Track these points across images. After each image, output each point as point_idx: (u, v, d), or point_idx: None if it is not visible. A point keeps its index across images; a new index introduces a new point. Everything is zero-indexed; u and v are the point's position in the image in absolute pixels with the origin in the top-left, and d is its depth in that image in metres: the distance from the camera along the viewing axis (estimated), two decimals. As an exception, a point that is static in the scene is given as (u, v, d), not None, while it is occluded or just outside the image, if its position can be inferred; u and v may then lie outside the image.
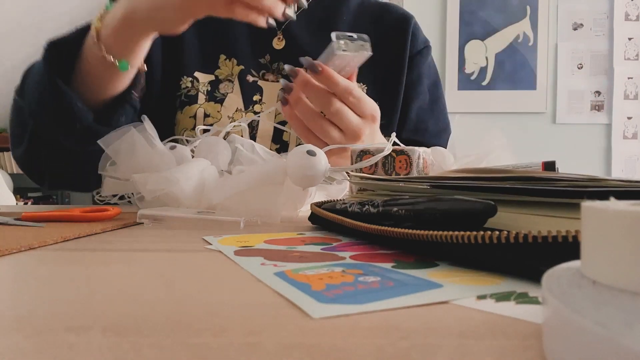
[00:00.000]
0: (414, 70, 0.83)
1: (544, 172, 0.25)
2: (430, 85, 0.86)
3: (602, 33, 2.27)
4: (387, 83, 0.79)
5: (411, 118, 0.82)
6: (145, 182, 0.47)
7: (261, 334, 0.14)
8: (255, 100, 0.75)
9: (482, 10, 2.28)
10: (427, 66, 0.85)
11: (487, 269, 0.21)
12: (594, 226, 0.12)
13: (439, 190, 0.29)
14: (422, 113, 0.83)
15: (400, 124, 0.81)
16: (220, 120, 0.74)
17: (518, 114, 2.28)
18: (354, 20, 0.82)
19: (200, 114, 0.74)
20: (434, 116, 0.84)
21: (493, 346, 0.13)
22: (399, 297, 0.17)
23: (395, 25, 0.83)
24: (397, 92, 0.80)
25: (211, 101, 0.75)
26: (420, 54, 0.84)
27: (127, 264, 0.24)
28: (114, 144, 0.52)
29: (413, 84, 0.83)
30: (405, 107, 0.82)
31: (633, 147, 2.27)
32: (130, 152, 0.51)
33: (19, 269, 0.23)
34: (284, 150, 0.74)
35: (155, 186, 0.47)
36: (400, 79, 0.81)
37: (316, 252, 0.27)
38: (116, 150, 0.52)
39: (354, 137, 0.56)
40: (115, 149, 0.52)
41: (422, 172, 0.48)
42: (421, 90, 0.83)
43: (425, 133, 0.82)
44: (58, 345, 0.13)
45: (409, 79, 0.82)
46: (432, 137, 0.82)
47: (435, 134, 0.83)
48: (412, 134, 0.81)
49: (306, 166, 0.44)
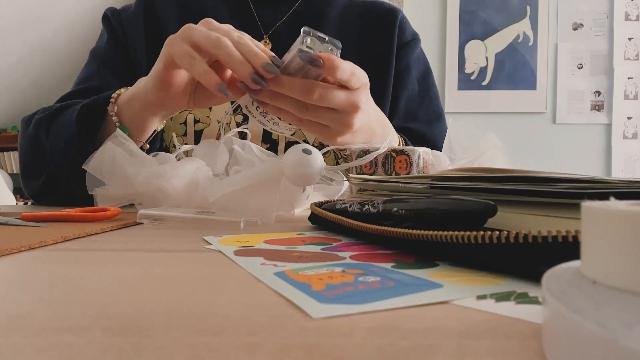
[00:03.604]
0: (402, 62, 0.84)
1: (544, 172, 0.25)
2: (420, 77, 0.86)
3: (602, 33, 2.27)
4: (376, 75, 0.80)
5: (400, 108, 0.82)
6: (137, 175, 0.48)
7: (261, 334, 0.14)
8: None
9: (482, 10, 2.28)
10: (415, 58, 0.86)
11: (487, 269, 0.21)
12: (594, 226, 0.12)
13: (439, 191, 0.29)
14: (411, 103, 0.84)
15: (390, 114, 0.82)
16: (209, 125, 0.75)
17: (518, 114, 2.28)
18: (340, 17, 0.83)
19: (190, 120, 0.75)
20: (424, 105, 0.85)
21: (493, 346, 0.13)
22: (399, 297, 0.17)
23: (382, 18, 0.84)
24: (386, 83, 0.81)
25: None
26: (408, 45, 0.85)
27: (127, 264, 0.24)
28: (94, 162, 0.53)
29: (401, 75, 0.83)
30: (395, 97, 0.82)
31: (633, 147, 2.27)
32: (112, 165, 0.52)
33: (19, 269, 0.23)
34: (273, 149, 0.75)
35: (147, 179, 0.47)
36: (388, 70, 0.82)
37: (316, 252, 0.27)
38: (98, 167, 0.53)
39: (351, 111, 0.52)
40: (97, 167, 0.53)
41: (422, 172, 0.48)
42: (410, 81, 0.84)
43: (415, 121, 0.83)
44: (58, 345, 0.13)
45: (397, 70, 0.83)
46: (423, 125, 0.83)
47: (426, 121, 0.84)
48: (402, 121, 0.82)
49: (302, 165, 0.44)
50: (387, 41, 0.83)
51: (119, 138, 0.55)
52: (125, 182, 0.51)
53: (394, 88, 0.82)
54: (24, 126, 0.69)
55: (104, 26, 0.81)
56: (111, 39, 0.79)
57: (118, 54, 0.79)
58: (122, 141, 0.55)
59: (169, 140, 0.76)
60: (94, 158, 0.54)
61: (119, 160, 0.52)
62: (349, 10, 0.84)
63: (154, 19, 0.79)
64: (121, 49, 0.79)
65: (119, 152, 0.53)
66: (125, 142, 0.54)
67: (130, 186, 0.51)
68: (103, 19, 0.81)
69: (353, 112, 0.52)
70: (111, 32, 0.80)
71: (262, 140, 0.76)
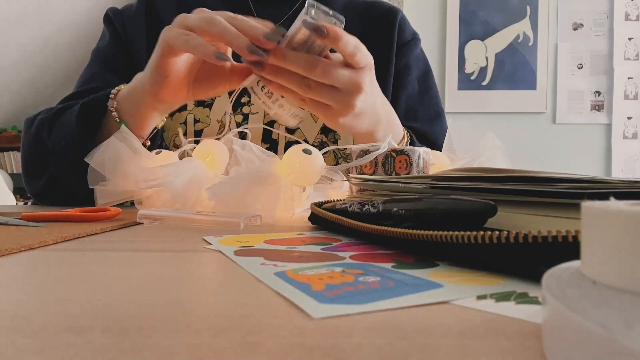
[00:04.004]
0: (402, 61, 0.84)
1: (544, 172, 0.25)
2: (420, 76, 0.86)
3: (602, 33, 2.27)
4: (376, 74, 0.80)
5: (401, 107, 0.82)
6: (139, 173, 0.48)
7: (261, 334, 0.14)
8: (243, 102, 0.76)
9: (482, 10, 2.28)
10: (415, 57, 0.86)
11: (487, 269, 0.21)
12: (594, 226, 0.12)
13: (439, 191, 0.29)
14: (412, 102, 0.84)
15: None
16: (210, 125, 0.75)
17: (518, 114, 2.28)
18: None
19: (190, 119, 0.75)
20: (424, 104, 0.85)
21: (493, 346, 0.13)
22: (399, 297, 0.17)
23: (382, 18, 0.84)
24: (385, 82, 0.81)
25: (200, 106, 0.76)
26: (408, 45, 0.85)
27: (127, 264, 0.24)
28: (97, 156, 0.53)
29: (401, 75, 0.83)
30: (395, 97, 0.82)
31: (633, 147, 2.27)
32: (114, 160, 0.52)
33: (19, 269, 0.23)
34: (273, 149, 0.75)
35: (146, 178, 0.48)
36: (388, 69, 0.82)
37: (316, 252, 0.27)
38: (100, 162, 0.53)
39: (354, 91, 0.52)
40: (99, 162, 0.53)
41: (422, 172, 0.48)
42: (409, 80, 0.84)
43: (416, 120, 0.83)
44: (58, 345, 0.13)
45: (397, 70, 0.83)
46: (424, 124, 0.83)
47: (427, 120, 0.84)
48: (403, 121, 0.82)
49: (302, 165, 0.44)
50: (387, 41, 0.83)
51: (123, 134, 0.54)
52: (126, 179, 0.51)
53: (394, 87, 0.82)
54: (27, 126, 0.69)
55: (106, 26, 0.81)
56: (113, 40, 0.79)
57: (120, 55, 0.79)
58: (125, 137, 0.54)
59: (169, 140, 0.76)
60: (98, 153, 0.53)
61: (122, 156, 0.52)
62: (349, 9, 0.84)
63: (155, 18, 0.79)
64: (123, 50, 0.79)
65: (123, 148, 0.53)
66: (129, 138, 0.54)
67: (131, 183, 0.51)
68: (105, 19, 0.81)
69: (355, 92, 0.52)
70: (113, 33, 0.80)
71: (262, 140, 0.76)
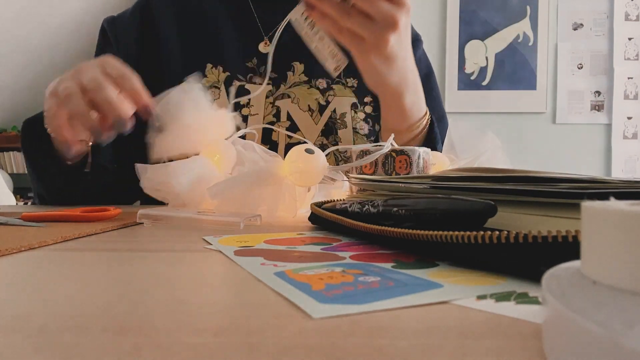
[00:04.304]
0: None
1: (544, 172, 0.25)
2: (422, 78, 0.86)
3: (602, 33, 2.27)
4: None
5: None
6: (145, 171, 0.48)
7: (261, 334, 0.14)
8: (242, 105, 0.76)
9: (482, 10, 2.28)
10: (417, 59, 0.86)
11: (487, 269, 0.21)
12: (594, 226, 0.12)
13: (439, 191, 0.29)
14: None
15: None
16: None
17: (518, 114, 2.28)
18: None
19: None
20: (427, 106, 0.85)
21: (493, 346, 0.13)
22: (399, 297, 0.17)
23: None
24: None
25: None
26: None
27: (127, 264, 0.24)
28: (162, 103, 0.52)
29: None
30: None
31: (633, 147, 2.27)
32: (176, 110, 0.52)
33: (19, 269, 0.23)
34: (273, 150, 0.75)
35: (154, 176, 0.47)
36: None
37: (316, 252, 0.27)
38: (166, 109, 0.52)
39: (389, 25, 0.53)
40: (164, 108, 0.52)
41: (422, 172, 0.48)
42: None
43: None
44: (58, 345, 0.13)
45: None
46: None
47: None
48: None
49: (305, 164, 0.44)
50: None
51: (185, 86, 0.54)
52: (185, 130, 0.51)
53: None
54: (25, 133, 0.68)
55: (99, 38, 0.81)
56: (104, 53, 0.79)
57: None
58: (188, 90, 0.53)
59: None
60: (163, 101, 0.53)
61: (183, 107, 0.52)
62: None
63: (150, 24, 0.79)
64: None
65: (185, 99, 0.52)
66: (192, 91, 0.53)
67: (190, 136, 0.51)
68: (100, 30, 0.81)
69: (391, 28, 0.54)
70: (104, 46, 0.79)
71: (261, 141, 0.76)
